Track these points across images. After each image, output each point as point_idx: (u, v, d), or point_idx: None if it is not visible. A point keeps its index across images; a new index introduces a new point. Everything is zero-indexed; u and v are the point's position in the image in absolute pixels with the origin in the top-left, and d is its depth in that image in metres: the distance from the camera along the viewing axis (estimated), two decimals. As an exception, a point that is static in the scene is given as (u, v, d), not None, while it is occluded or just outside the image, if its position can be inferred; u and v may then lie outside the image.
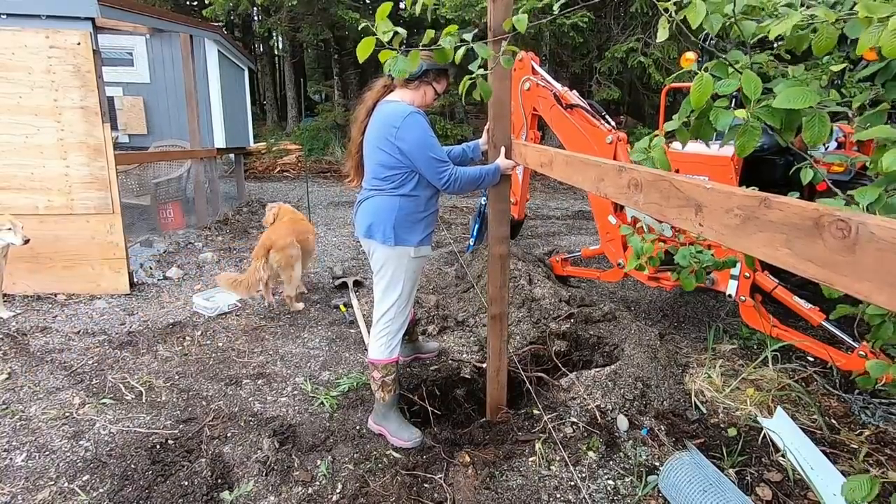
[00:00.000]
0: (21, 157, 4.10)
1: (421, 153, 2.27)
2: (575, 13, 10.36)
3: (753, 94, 1.10)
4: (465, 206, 8.83)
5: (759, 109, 1.12)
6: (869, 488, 1.16)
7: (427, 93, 2.44)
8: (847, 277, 0.66)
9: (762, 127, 1.13)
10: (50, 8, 3.93)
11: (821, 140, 1.07)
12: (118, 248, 4.30)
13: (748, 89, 1.11)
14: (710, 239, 0.92)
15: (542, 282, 4.16)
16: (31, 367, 3.13)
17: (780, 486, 2.20)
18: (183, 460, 2.33)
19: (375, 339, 2.52)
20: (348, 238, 6.46)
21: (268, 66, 20.30)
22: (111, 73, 6.28)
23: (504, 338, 2.57)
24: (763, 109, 1.11)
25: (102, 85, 4.15)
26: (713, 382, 2.94)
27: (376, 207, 2.38)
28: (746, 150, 1.15)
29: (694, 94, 1.16)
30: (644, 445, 2.43)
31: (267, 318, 3.97)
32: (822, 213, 0.68)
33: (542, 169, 1.93)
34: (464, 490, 2.16)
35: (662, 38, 1.29)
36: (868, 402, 2.74)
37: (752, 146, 1.11)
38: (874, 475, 2.02)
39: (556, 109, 3.68)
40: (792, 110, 1.08)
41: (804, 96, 1.03)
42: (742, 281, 3.22)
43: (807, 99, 1.03)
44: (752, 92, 1.11)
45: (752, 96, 1.11)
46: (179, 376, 3.09)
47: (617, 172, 1.24)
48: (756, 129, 1.13)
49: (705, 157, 3.67)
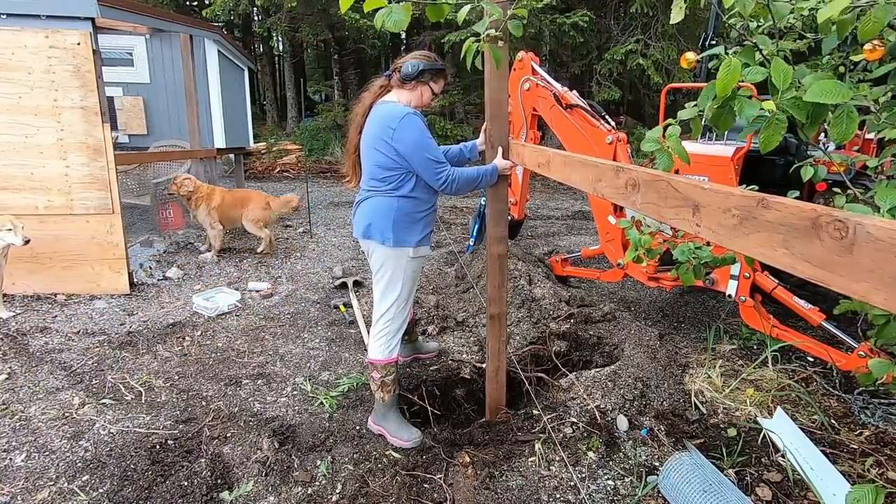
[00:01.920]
0: (21, 157, 4.10)
1: (417, 154, 2.27)
2: (576, 12, 10.37)
3: (783, 84, 1.02)
4: (465, 206, 8.82)
5: (787, 101, 1.04)
6: (874, 498, 1.12)
7: (424, 93, 2.44)
8: (844, 278, 0.66)
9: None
10: (50, 8, 3.93)
11: (848, 137, 1.01)
12: (118, 248, 4.30)
13: (777, 78, 1.03)
14: (708, 239, 0.92)
15: (542, 282, 4.16)
16: (31, 367, 3.13)
17: (779, 487, 2.20)
18: (183, 460, 2.33)
19: (375, 339, 2.51)
20: (348, 238, 6.46)
21: (268, 66, 20.30)
22: (111, 73, 6.28)
23: (503, 338, 2.57)
24: (790, 101, 1.03)
25: (102, 85, 4.15)
26: (713, 383, 2.94)
27: (374, 208, 2.38)
28: (771, 145, 1.07)
29: (720, 81, 1.06)
30: (644, 446, 2.43)
31: (267, 318, 3.97)
32: (819, 214, 0.68)
33: (539, 169, 1.93)
34: (463, 490, 2.16)
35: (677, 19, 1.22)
36: (868, 402, 2.74)
37: (776, 140, 1.05)
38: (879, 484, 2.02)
39: (555, 109, 3.68)
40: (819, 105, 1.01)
41: (837, 90, 0.95)
42: (742, 281, 3.21)
43: (840, 94, 0.95)
44: (781, 82, 1.02)
45: (780, 86, 1.03)
46: (179, 376, 3.09)
47: (614, 173, 1.24)
48: (782, 122, 1.05)
49: (705, 157, 3.67)
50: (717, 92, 1.09)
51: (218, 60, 6.97)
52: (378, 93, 2.47)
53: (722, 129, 1.19)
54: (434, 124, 12.65)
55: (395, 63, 2.43)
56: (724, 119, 1.16)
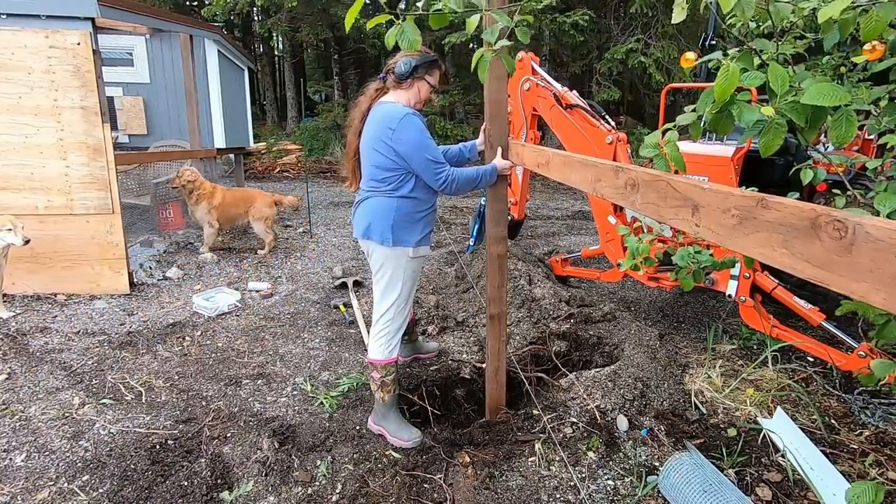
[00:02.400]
0: (21, 157, 4.10)
1: (417, 155, 2.27)
2: (575, 12, 10.37)
3: (781, 89, 1.03)
4: (465, 206, 8.82)
5: (785, 105, 1.05)
6: (874, 495, 1.13)
7: (422, 89, 2.43)
8: (844, 278, 0.66)
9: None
10: (50, 8, 3.93)
11: (847, 140, 1.02)
12: (118, 248, 4.30)
13: (775, 83, 1.04)
14: (707, 239, 0.92)
15: (542, 282, 4.16)
16: (31, 367, 3.13)
17: (779, 487, 2.20)
18: (183, 460, 2.33)
19: (375, 339, 2.51)
20: (348, 238, 6.46)
21: (268, 66, 20.30)
22: (111, 73, 6.29)
23: (503, 338, 2.57)
24: (789, 105, 1.04)
25: (102, 85, 4.15)
26: (713, 383, 2.94)
27: (374, 208, 2.38)
28: (771, 149, 1.08)
29: (719, 87, 1.07)
30: (644, 446, 2.43)
31: (267, 318, 3.97)
32: (819, 214, 0.68)
33: (539, 169, 1.92)
34: (463, 490, 2.16)
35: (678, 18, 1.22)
36: (868, 402, 2.74)
37: (777, 144, 1.06)
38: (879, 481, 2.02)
39: (555, 109, 3.68)
40: (818, 108, 1.01)
41: (835, 93, 0.96)
42: (742, 281, 3.21)
43: (838, 97, 0.96)
44: (779, 86, 1.03)
45: (778, 91, 1.04)
46: (179, 376, 3.09)
47: (614, 173, 1.24)
48: (782, 126, 1.06)
49: (705, 158, 3.67)
50: (716, 97, 1.09)
51: (218, 60, 6.98)
52: (374, 96, 2.46)
53: (721, 133, 1.20)
54: (434, 124, 12.65)
55: (388, 65, 2.42)
56: (722, 124, 1.16)
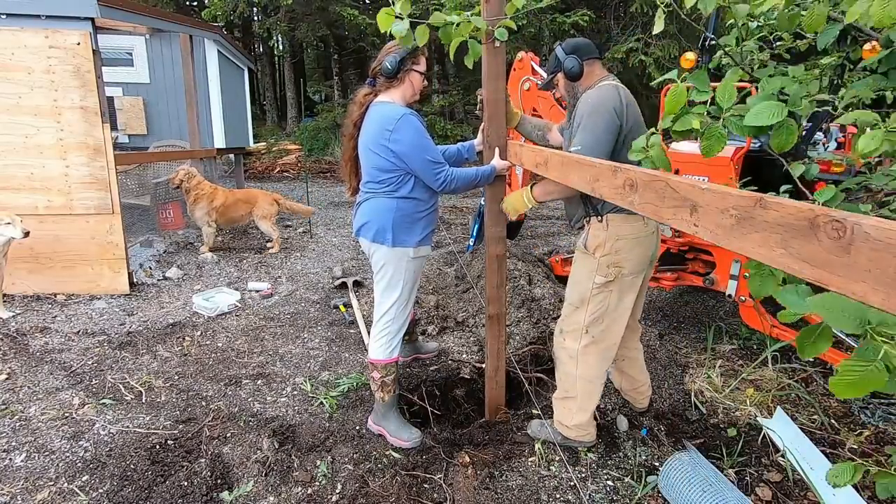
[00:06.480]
0: (21, 157, 4.10)
1: (416, 155, 2.27)
2: (575, 12, 10.36)
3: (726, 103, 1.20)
4: (465, 206, 8.82)
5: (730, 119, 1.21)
6: (852, 474, 1.19)
7: (414, 80, 2.40)
8: (842, 278, 0.66)
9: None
10: (50, 8, 3.93)
11: (787, 147, 1.15)
12: (118, 248, 4.30)
13: (721, 98, 1.20)
14: (706, 239, 0.92)
15: (542, 282, 4.16)
16: (31, 367, 3.13)
17: (779, 487, 2.20)
18: (182, 460, 2.33)
19: (375, 339, 2.51)
20: (348, 238, 6.46)
21: (268, 66, 20.29)
22: (111, 73, 6.29)
23: (502, 338, 2.57)
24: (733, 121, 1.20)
25: (102, 85, 4.15)
26: (713, 383, 2.94)
27: (374, 208, 2.38)
28: (713, 152, 1.24)
29: (668, 103, 1.25)
30: (644, 445, 2.43)
31: (267, 318, 3.97)
32: (817, 214, 0.68)
33: (537, 169, 1.92)
34: (463, 490, 2.16)
35: (659, 29, 1.38)
36: (868, 402, 2.74)
37: (790, 143, 1.16)
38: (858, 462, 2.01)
39: (556, 110, 3.68)
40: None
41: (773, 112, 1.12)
42: (742, 281, 3.21)
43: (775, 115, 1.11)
44: (725, 101, 1.20)
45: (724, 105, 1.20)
46: (179, 376, 3.09)
47: (612, 172, 1.24)
48: (722, 135, 1.21)
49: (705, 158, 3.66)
50: (667, 111, 1.27)
51: (218, 60, 6.98)
52: (364, 102, 2.43)
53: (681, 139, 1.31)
54: (434, 124, 12.63)
55: (373, 69, 2.40)
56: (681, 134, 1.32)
